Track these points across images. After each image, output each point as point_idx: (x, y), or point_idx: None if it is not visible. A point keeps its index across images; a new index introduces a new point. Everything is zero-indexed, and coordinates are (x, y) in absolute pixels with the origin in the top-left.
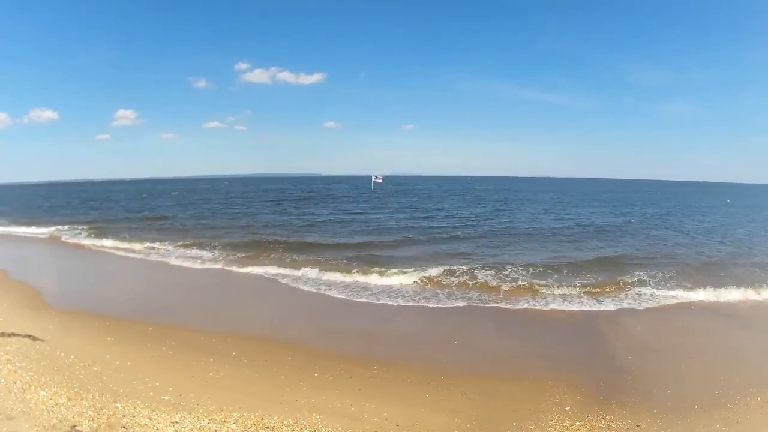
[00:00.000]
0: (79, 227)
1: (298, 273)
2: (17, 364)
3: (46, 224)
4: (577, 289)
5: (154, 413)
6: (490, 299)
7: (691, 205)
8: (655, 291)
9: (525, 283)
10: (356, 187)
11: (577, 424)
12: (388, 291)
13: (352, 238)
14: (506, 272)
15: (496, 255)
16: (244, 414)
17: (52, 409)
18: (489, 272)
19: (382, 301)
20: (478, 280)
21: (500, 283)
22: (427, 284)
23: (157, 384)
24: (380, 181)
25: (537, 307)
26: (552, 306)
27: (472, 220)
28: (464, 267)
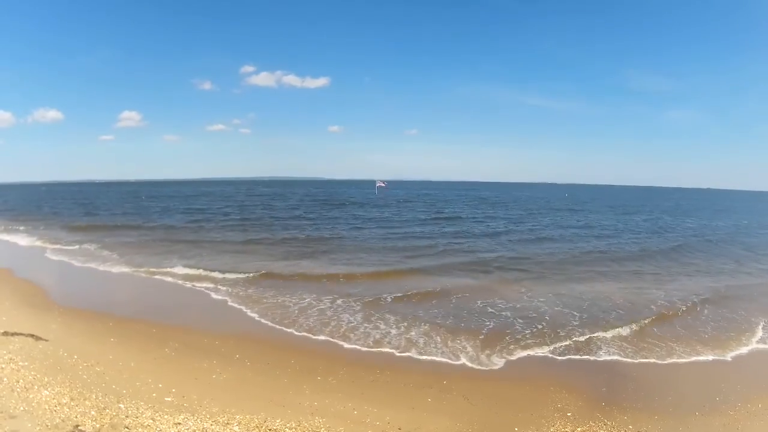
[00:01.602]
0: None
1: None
2: (20, 363)
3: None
4: None
5: (157, 414)
6: None
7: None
8: None
9: None
10: (363, 192)
11: (579, 430)
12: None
13: (396, 261)
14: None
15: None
16: (247, 416)
17: (54, 408)
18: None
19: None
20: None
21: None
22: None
23: (160, 385)
24: (384, 185)
25: None
26: None
27: (513, 234)
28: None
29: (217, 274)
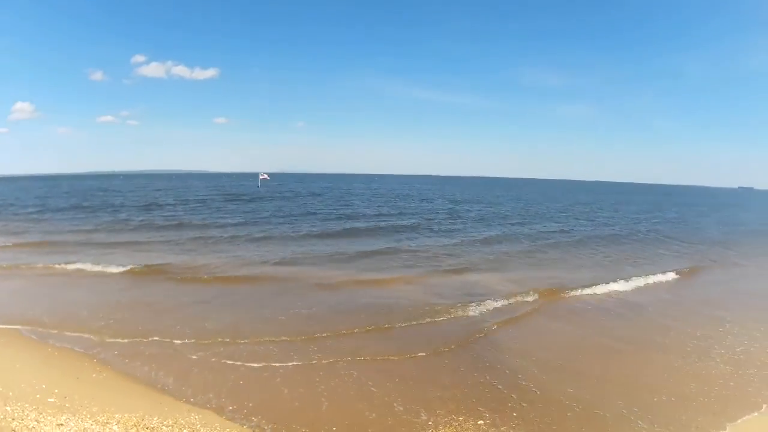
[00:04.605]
0: None
1: None
2: None
3: None
4: None
5: (41, 416)
6: None
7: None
8: None
9: None
10: (254, 185)
11: None
12: None
13: None
14: None
15: None
16: (126, 415)
17: None
18: None
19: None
20: None
21: None
22: None
23: (44, 386)
24: (267, 178)
25: None
26: None
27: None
28: None
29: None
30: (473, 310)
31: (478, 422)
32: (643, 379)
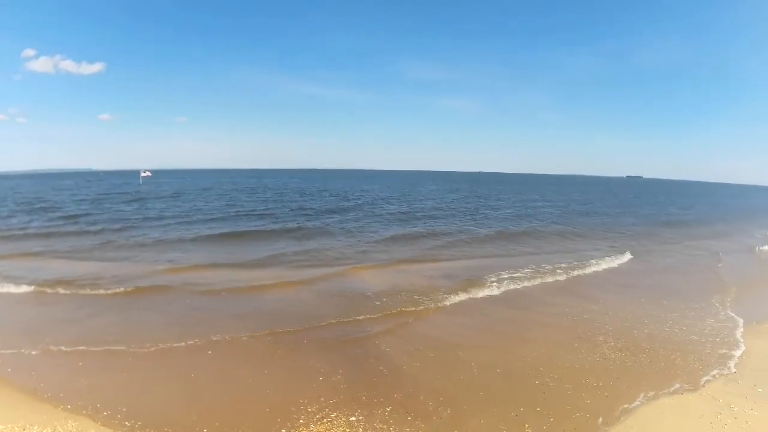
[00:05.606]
0: None
1: None
2: None
3: None
4: None
5: None
6: None
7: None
8: None
9: None
10: (137, 183)
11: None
12: None
13: None
14: None
15: None
16: (8, 425)
17: None
18: None
19: None
20: None
21: None
22: None
23: None
24: (149, 175)
25: None
26: None
27: None
28: None
29: None
30: (363, 314)
31: (351, 419)
32: (530, 365)
